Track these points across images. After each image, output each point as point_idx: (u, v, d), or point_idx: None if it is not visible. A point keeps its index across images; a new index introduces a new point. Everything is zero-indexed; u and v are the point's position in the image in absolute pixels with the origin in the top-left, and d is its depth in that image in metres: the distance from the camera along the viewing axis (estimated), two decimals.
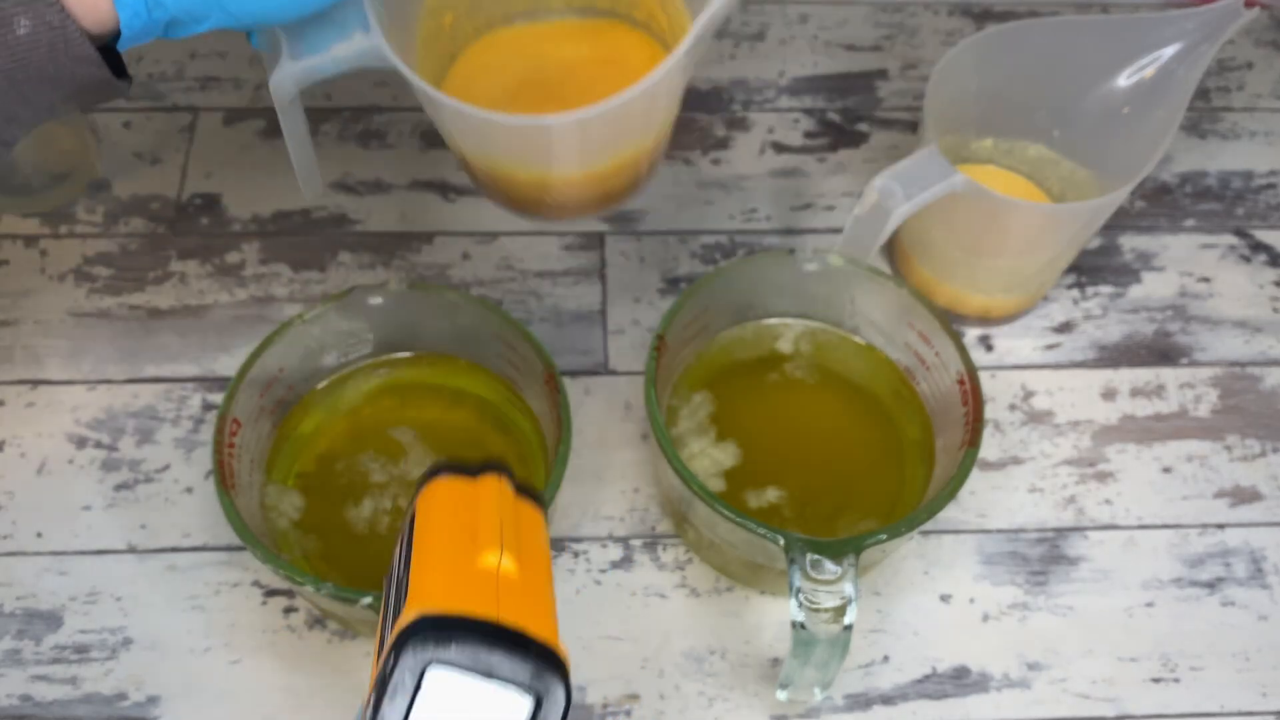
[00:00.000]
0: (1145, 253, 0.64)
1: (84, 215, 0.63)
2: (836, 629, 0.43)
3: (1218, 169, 0.68)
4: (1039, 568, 0.54)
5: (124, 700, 0.49)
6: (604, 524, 0.54)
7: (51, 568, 0.52)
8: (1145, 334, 0.61)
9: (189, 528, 0.54)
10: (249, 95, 0.68)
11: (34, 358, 0.58)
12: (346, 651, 0.51)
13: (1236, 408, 0.59)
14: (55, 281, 0.60)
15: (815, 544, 0.45)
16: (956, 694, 0.51)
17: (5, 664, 0.50)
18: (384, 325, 0.53)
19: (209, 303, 0.60)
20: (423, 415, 0.54)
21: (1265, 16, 0.75)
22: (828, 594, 0.44)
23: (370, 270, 0.62)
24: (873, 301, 0.53)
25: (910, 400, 0.54)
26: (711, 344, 0.55)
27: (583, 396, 0.58)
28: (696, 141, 0.67)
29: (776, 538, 0.45)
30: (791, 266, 0.53)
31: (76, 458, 0.55)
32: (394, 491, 0.51)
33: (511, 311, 0.59)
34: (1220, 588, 0.54)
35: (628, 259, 0.62)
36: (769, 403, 0.54)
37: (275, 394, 0.51)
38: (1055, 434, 0.58)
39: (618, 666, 0.51)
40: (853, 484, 0.53)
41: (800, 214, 0.65)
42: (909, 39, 0.72)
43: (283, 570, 0.44)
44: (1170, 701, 0.51)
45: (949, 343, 0.50)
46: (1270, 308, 0.62)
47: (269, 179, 0.64)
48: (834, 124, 0.68)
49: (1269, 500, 0.56)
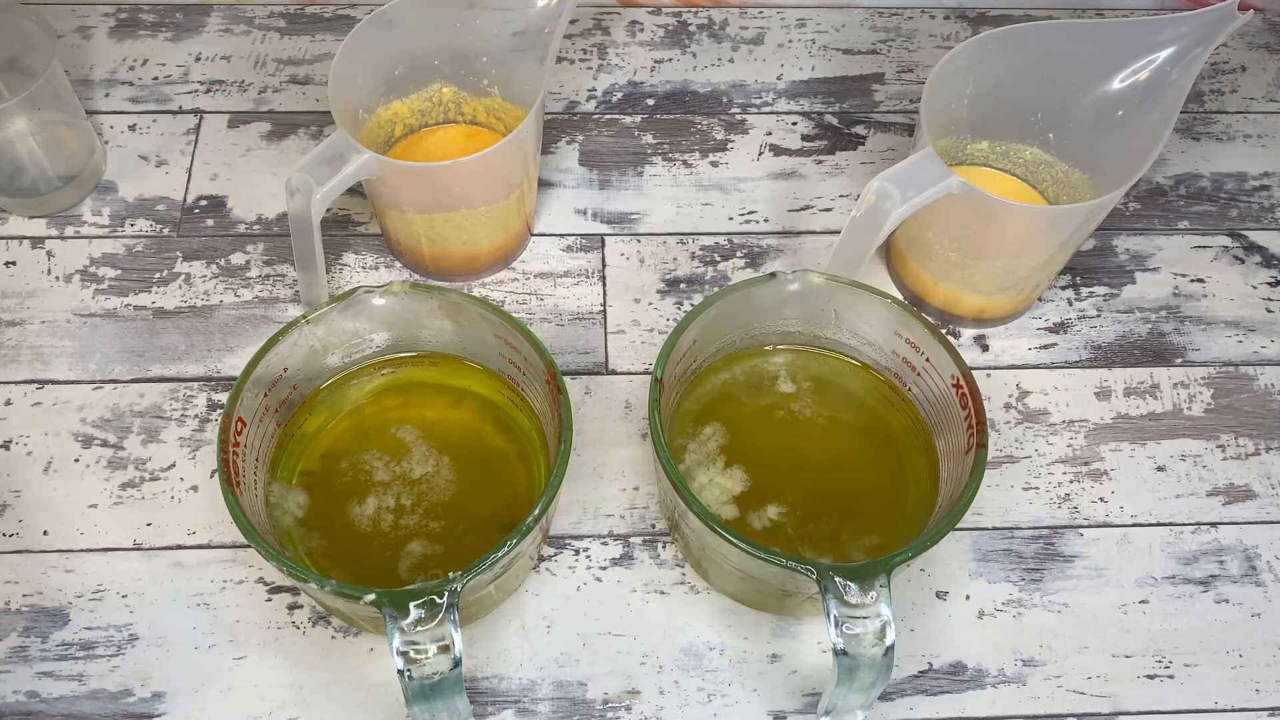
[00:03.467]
0: (1139, 254, 0.65)
1: (90, 217, 0.63)
2: (879, 651, 0.43)
3: (1211, 171, 0.68)
4: (1034, 565, 0.54)
5: (129, 696, 0.50)
6: (604, 522, 0.55)
7: (58, 565, 0.53)
8: (1139, 334, 0.62)
9: (194, 525, 0.54)
10: (253, 98, 0.68)
11: (40, 358, 0.58)
12: (350, 648, 0.51)
13: (1230, 407, 0.60)
14: (61, 282, 0.61)
15: (847, 570, 0.44)
16: (952, 690, 0.51)
17: (12, 660, 0.50)
18: (387, 325, 0.53)
19: (214, 303, 0.61)
20: (425, 414, 0.54)
21: (1259, 19, 0.75)
22: (866, 618, 0.43)
23: (374, 271, 0.62)
24: (857, 314, 0.53)
25: (903, 406, 0.54)
26: (703, 375, 0.55)
27: (583, 396, 0.58)
28: (695, 144, 0.68)
29: (809, 569, 0.44)
30: (774, 289, 0.52)
31: (83, 456, 0.56)
32: (397, 490, 0.52)
33: (513, 312, 0.60)
34: (1214, 585, 0.54)
35: (628, 260, 0.63)
36: (766, 425, 0.54)
37: (279, 393, 0.51)
38: (1050, 433, 0.58)
39: (618, 662, 0.51)
40: (855, 495, 0.53)
41: (798, 216, 0.65)
42: (905, 43, 0.73)
43: (287, 567, 0.44)
44: (1164, 698, 0.51)
45: (939, 347, 0.50)
46: (1263, 308, 0.63)
47: (273, 181, 0.65)
48: (831, 127, 0.69)
49: (1262, 499, 0.57)
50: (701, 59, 0.72)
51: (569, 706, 0.50)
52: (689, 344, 0.51)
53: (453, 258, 0.61)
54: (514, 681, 0.51)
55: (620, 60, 0.71)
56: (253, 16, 0.72)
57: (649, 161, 0.67)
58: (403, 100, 0.62)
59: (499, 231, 0.60)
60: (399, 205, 0.57)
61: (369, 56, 0.58)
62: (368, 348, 0.54)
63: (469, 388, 0.55)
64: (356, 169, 0.54)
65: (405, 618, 0.43)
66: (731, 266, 0.63)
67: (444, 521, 0.51)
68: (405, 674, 0.42)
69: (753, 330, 0.55)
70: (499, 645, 0.52)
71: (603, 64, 0.71)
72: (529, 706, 0.50)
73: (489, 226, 0.59)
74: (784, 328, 0.55)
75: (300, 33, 0.71)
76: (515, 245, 0.62)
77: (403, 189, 0.56)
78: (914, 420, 0.54)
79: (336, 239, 0.63)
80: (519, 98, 0.61)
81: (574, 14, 0.70)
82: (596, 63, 0.71)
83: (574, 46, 0.72)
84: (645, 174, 0.66)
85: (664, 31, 0.73)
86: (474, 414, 0.54)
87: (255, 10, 0.72)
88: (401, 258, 0.62)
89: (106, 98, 0.68)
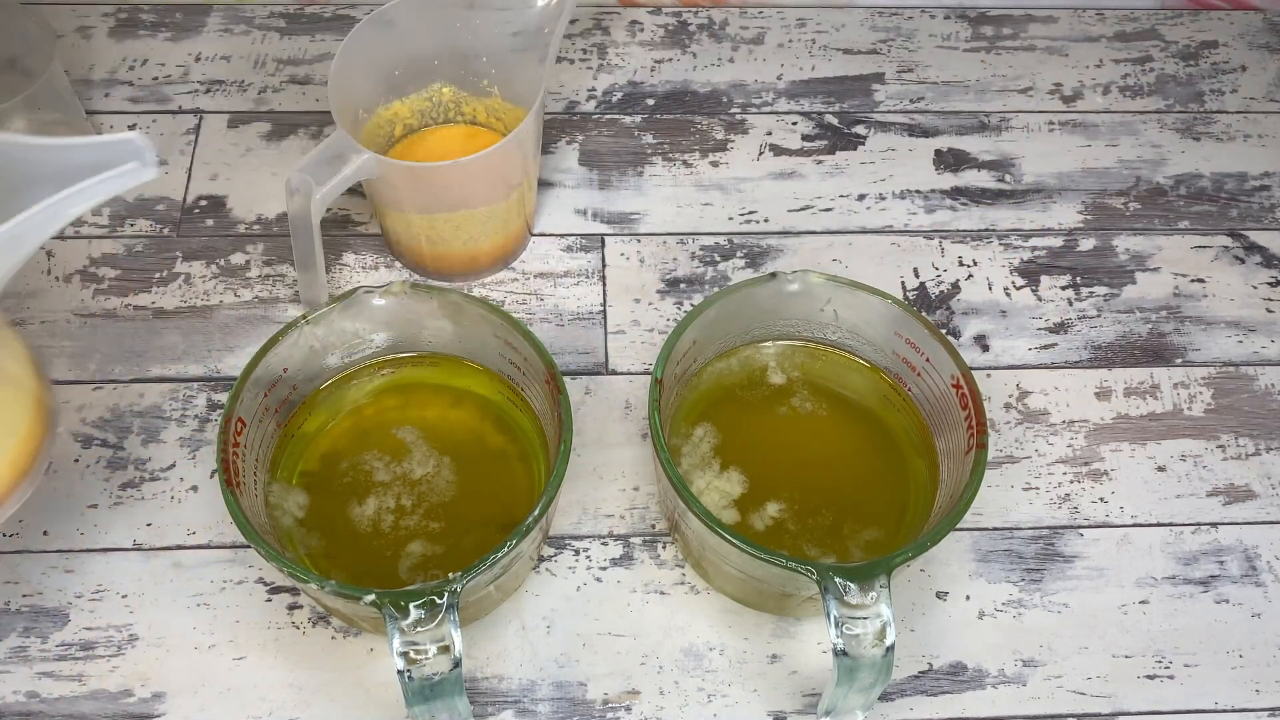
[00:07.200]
0: (1139, 254, 0.65)
1: (90, 217, 0.63)
2: (879, 652, 0.43)
3: (1211, 171, 0.68)
4: (1034, 565, 0.54)
5: (129, 697, 0.50)
6: (604, 522, 0.55)
7: (58, 565, 0.53)
8: (1140, 334, 0.62)
9: (194, 526, 0.54)
10: (253, 98, 0.68)
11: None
12: (350, 648, 0.51)
13: (1230, 407, 0.60)
14: (61, 283, 0.61)
15: (847, 570, 0.44)
16: (952, 690, 0.51)
17: (12, 661, 0.50)
18: (387, 326, 0.53)
19: (214, 303, 0.61)
20: (425, 414, 0.54)
21: (1259, 19, 0.75)
22: (866, 618, 0.43)
23: (374, 271, 0.62)
24: (857, 313, 0.53)
25: (903, 406, 0.54)
26: (701, 375, 0.55)
27: (583, 396, 0.58)
28: (695, 144, 0.68)
29: (809, 570, 0.44)
30: (774, 289, 0.52)
31: (83, 457, 0.56)
32: (397, 490, 0.52)
33: (513, 312, 0.60)
34: (1214, 585, 0.54)
35: (628, 260, 0.63)
36: (765, 424, 0.54)
37: (279, 394, 0.51)
38: (1050, 433, 0.58)
39: (618, 663, 0.51)
40: (854, 493, 0.53)
41: (798, 216, 0.65)
42: (906, 42, 0.73)
43: (287, 568, 0.44)
44: (1164, 698, 0.51)
45: (939, 347, 0.51)
46: (1263, 308, 0.63)
47: (273, 181, 0.65)
48: (831, 127, 0.69)
49: (1262, 499, 0.57)
50: (701, 59, 0.72)
51: (569, 707, 0.50)
52: (689, 344, 0.51)
53: (453, 258, 0.61)
54: (514, 682, 0.51)
55: (620, 60, 0.71)
56: (253, 16, 0.72)
57: (649, 161, 0.67)
58: (403, 100, 0.62)
59: (499, 231, 0.60)
60: (399, 205, 0.57)
61: (369, 56, 0.58)
62: (368, 348, 0.54)
63: (469, 388, 0.55)
64: (356, 169, 0.54)
65: (405, 618, 0.43)
66: (731, 266, 0.63)
67: (444, 522, 0.51)
68: (405, 674, 0.42)
69: (753, 330, 0.55)
70: (499, 645, 0.52)
71: (603, 64, 0.71)
72: (529, 707, 0.50)
73: (489, 226, 0.59)
74: (784, 328, 0.55)
75: (300, 33, 0.71)
76: (515, 245, 0.62)
77: (403, 189, 0.56)
78: (914, 420, 0.54)
79: (336, 239, 0.63)
80: (519, 98, 0.61)
81: (574, 14, 0.70)
82: (596, 63, 0.71)
83: (574, 46, 0.72)
84: (645, 174, 0.66)
85: (664, 31, 0.73)
86: (474, 414, 0.54)
87: (255, 10, 0.72)
88: (401, 258, 0.62)
89: (106, 98, 0.68)
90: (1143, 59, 0.73)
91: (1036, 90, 0.71)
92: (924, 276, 0.63)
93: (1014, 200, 0.66)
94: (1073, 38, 0.74)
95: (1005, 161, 0.68)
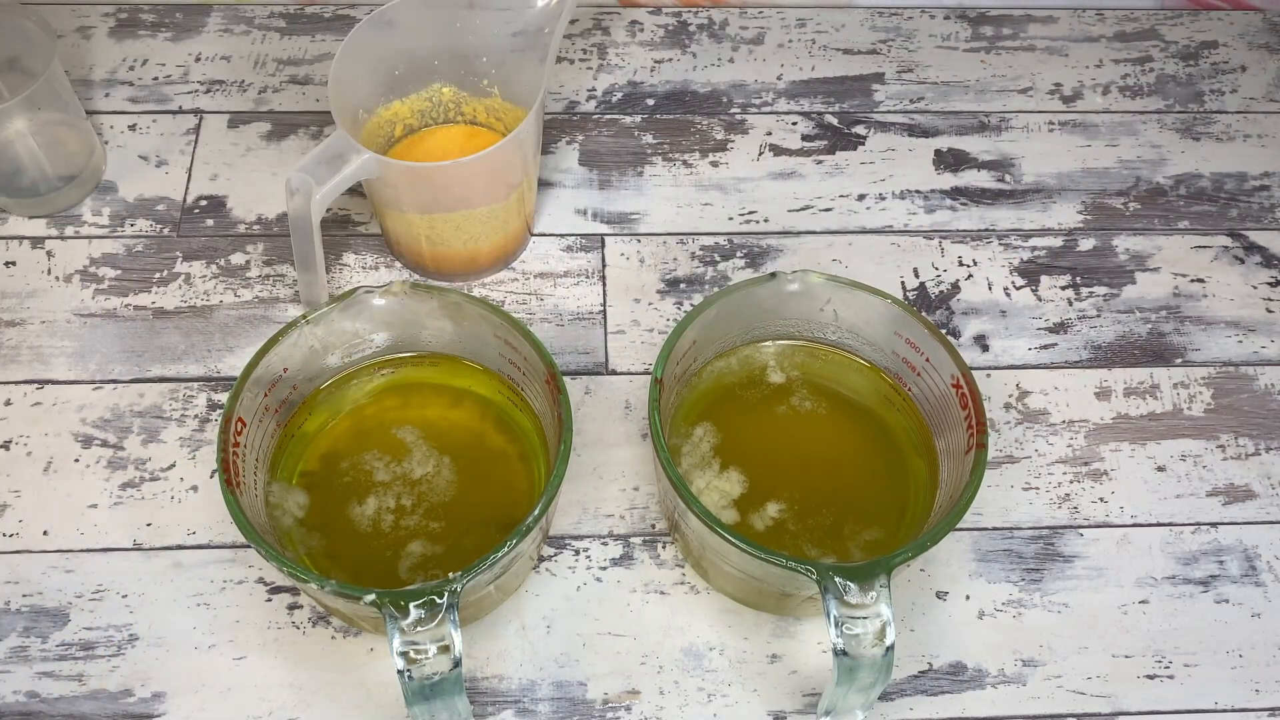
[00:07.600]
0: (1139, 254, 0.65)
1: (90, 217, 0.63)
2: (879, 651, 0.43)
3: (1211, 171, 0.68)
4: (1034, 565, 0.54)
5: (129, 697, 0.50)
6: (604, 522, 0.55)
7: (58, 565, 0.53)
8: (1139, 334, 0.62)
9: (194, 526, 0.54)
10: (253, 98, 0.68)
11: (40, 358, 0.58)
12: (350, 648, 0.51)
13: (1230, 407, 0.60)
14: (62, 283, 0.61)
15: (847, 570, 0.44)
16: (952, 690, 0.51)
17: (12, 661, 0.50)
18: (387, 326, 0.53)
19: (214, 303, 0.61)
20: (425, 414, 0.54)
21: (1259, 19, 0.75)
22: (866, 618, 0.43)
23: (374, 271, 0.62)
24: (856, 313, 0.53)
25: (903, 406, 0.54)
26: (701, 375, 0.55)
27: (583, 396, 0.58)
28: (695, 144, 0.68)
29: (808, 570, 0.44)
30: (774, 289, 0.52)
31: (83, 456, 0.56)
32: (397, 490, 0.52)
33: (513, 312, 0.60)
34: (1214, 585, 0.54)
35: (628, 260, 0.63)
36: (765, 424, 0.54)
37: (279, 394, 0.51)
38: (1050, 433, 0.58)
39: (618, 663, 0.51)
40: (854, 492, 0.53)
41: (798, 216, 0.65)
42: (905, 42, 0.73)
43: (287, 568, 0.44)
44: (1164, 698, 0.51)
45: (939, 347, 0.51)
46: (1263, 308, 0.63)
47: (273, 181, 0.65)
48: (831, 127, 0.69)
49: (1262, 499, 0.57)
50: (701, 59, 0.72)
51: (569, 706, 0.50)
52: (689, 344, 0.51)
53: (453, 258, 0.61)
54: (514, 681, 0.51)
55: (620, 60, 0.71)
56: (253, 16, 0.72)
57: (649, 161, 0.67)
58: (403, 100, 0.62)
59: (499, 231, 0.60)
60: (399, 205, 0.57)
61: (369, 56, 0.58)
62: (368, 348, 0.54)
63: (469, 388, 0.55)
64: (356, 169, 0.54)
65: (405, 618, 0.43)
66: (731, 266, 0.63)
67: (444, 522, 0.51)
68: (405, 674, 0.42)
69: (753, 330, 0.55)
70: (499, 645, 0.52)
71: (603, 64, 0.71)
72: (529, 706, 0.50)
73: (489, 226, 0.59)
74: (784, 328, 0.55)
75: (300, 33, 0.71)
76: (515, 245, 0.62)
77: (403, 189, 0.56)
78: (914, 420, 0.54)
79: (336, 239, 0.63)
80: (519, 98, 0.61)
81: (574, 14, 0.70)
82: (596, 63, 0.71)
83: (574, 46, 0.72)
84: (645, 174, 0.66)
85: (664, 31, 0.73)
86: (474, 414, 0.54)
87: (255, 10, 0.72)
88: (401, 258, 0.62)
89: (106, 98, 0.68)
90: (1142, 59, 0.73)
91: (1036, 90, 0.71)
92: (924, 276, 0.63)
93: (1014, 200, 0.66)
94: (1072, 38, 0.74)
95: (1005, 161, 0.68)
